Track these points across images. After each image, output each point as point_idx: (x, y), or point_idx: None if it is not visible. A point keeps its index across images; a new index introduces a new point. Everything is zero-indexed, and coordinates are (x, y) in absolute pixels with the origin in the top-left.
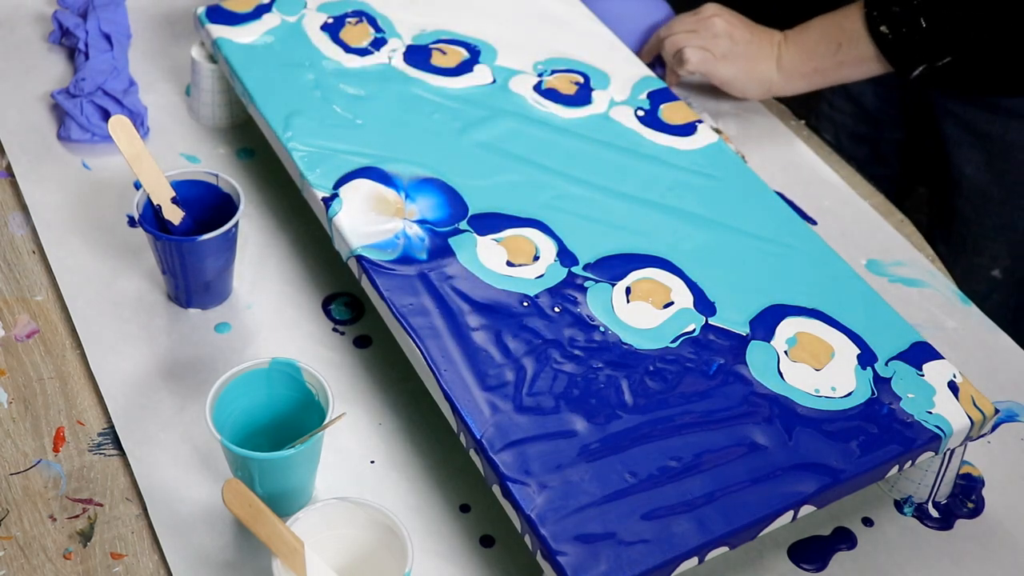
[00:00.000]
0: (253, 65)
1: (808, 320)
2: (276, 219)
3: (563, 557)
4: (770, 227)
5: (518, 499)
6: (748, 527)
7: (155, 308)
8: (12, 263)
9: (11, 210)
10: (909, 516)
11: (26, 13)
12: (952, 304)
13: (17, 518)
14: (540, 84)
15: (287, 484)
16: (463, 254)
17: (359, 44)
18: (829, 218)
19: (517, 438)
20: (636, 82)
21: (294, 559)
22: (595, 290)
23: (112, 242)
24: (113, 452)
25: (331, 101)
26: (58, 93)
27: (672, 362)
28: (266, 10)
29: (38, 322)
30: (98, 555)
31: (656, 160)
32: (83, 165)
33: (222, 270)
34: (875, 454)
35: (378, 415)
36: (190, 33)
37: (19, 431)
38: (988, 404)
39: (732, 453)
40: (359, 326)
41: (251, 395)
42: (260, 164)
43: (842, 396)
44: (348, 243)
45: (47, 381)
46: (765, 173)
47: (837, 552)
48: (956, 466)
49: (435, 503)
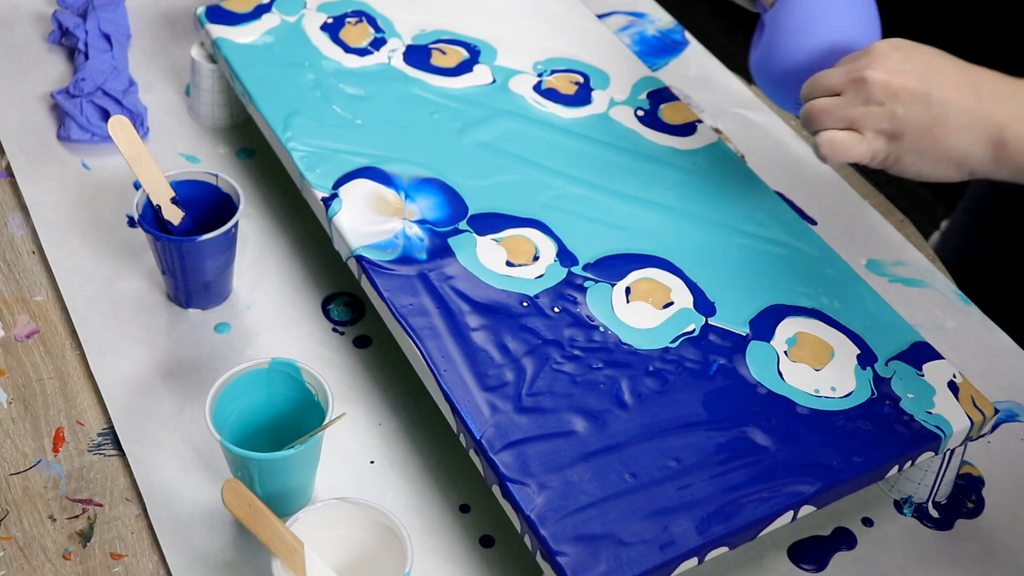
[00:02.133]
0: (253, 65)
1: (808, 320)
2: (276, 219)
3: (563, 557)
4: (770, 227)
5: (518, 499)
6: (748, 527)
7: (155, 308)
8: (12, 263)
9: (11, 210)
10: (909, 516)
11: (26, 13)
12: (952, 304)
13: (17, 518)
14: (540, 84)
15: (287, 484)
16: (463, 254)
17: (359, 44)
18: (829, 218)
19: (517, 438)
20: (636, 82)
21: (294, 559)
22: (595, 290)
23: (112, 242)
24: (113, 452)
25: (331, 101)
26: (58, 93)
27: (672, 362)
28: (266, 10)
29: (38, 322)
30: (98, 555)
31: (656, 160)
32: (83, 165)
33: (222, 270)
34: (875, 454)
35: (378, 415)
36: (190, 33)
37: (19, 431)
38: (988, 404)
39: (732, 453)
40: (359, 326)
41: (251, 395)
42: (260, 164)
43: (842, 396)
44: (348, 243)
45: (47, 381)
46: (765, 173)
47: (837, 552)
48: (956, 466)
49: (435, 503)
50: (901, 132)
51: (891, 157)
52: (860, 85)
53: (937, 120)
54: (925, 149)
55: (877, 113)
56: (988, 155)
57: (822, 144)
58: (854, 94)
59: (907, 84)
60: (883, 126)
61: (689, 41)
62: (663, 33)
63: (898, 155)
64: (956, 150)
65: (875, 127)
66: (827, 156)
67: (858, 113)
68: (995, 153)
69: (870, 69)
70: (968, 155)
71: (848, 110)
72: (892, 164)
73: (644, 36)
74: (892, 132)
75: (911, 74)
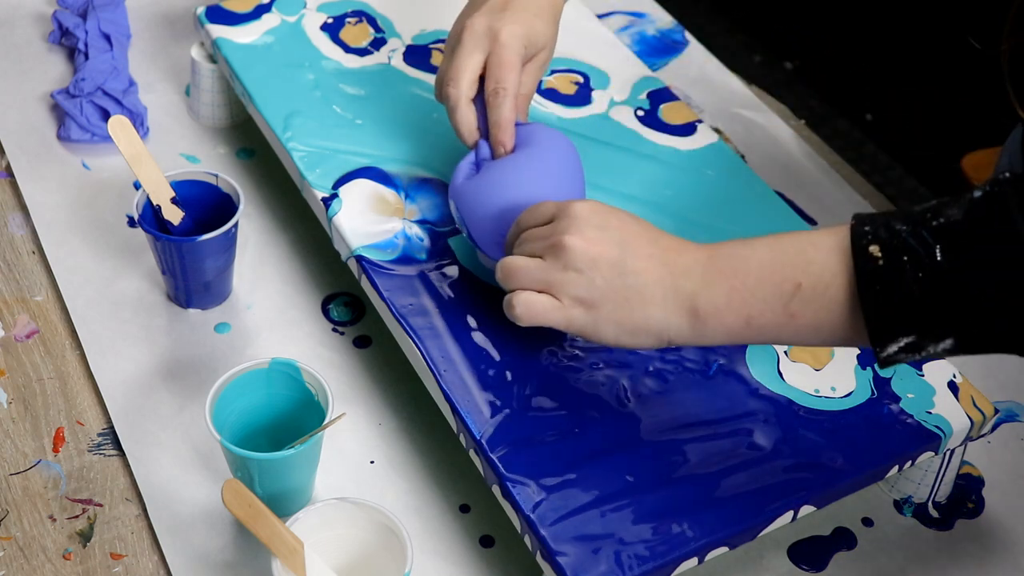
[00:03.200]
0: (253, 65)
1: None
2: (276, 219)
3: (563, 557)
4: (770, 227)
5: (518, 499)
6: (748, 527)
7: (155, 308)
8: (12, 263)
9: (11, 210)
10: (909, 516)
11: (26, 13)
12: None
13: (17, 518)
14: (540, 84)
15: (287, 484)
16: (463, 254)
17: (359, 44)
18: (829, 218)
19: (517, 438)
20: (636, 82)
21: (294, 559)
22: None
23: (112, 242)
24: (113, 452)
25: (331, 101)
26: (58, 93)
27: (672, 362)
28: (266, 10)
29: (38, 322)
30: (98, 555)
31: (656, 160)
32: (83, 165)
33: (222, 270)
34: (875, 454)
35: (378, 415)
36: (190, 33)
37: (19, 431)
38: (988, 404)
39: (732, 453)
40: (359, 326)
41: (251, 395)
42: (260, 164)
43: (842, 396)
44: (348, 243)
45: (47, 381)
46: (765, 173)
47: (837, 552)
48: (956, 466)
49: (435, 503)
50: (599, 302)
51: (589, 326)
52: (559, 250)
53: (633, 291)
54: (624, 319)
55: (575, 280)
56: (685, 324)
57: (518, 304)
58: (553, 259)
59: (605, 253)
60: (581, 294)
61: (689, 41)
62: (663, 33)
63: (596, 323)
64: (653, 321)
65: (573, 294)
66: (520, 317)
67: (556, 278)
68: (691, 322)
69: (569, 235)
70: (665, 326)
71: (547, 273)
72: (591, 333)
73: (644, 36)
74: (590, 301)
75: (609, 242)
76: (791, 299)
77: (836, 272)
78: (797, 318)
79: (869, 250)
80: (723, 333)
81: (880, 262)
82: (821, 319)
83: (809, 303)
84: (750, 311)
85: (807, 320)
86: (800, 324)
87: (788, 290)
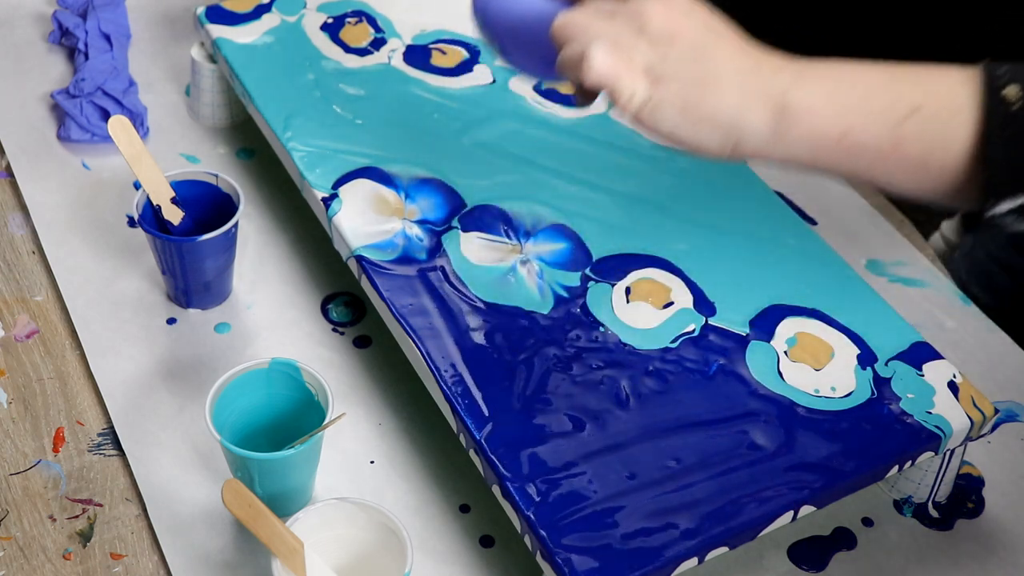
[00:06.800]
0: (253, 65)
1: (808, 320)
2: (276, 219)
3: (563, 557)
4: (770, 227)
5: (518, 499)
6: (748, 527)
7: (155, 308)
8: (12, 263)
9: (11, 210)
10: (909, 516)
11: (26, 13)
12: (952, 304)
13: (17, 518)
14: (540, 84)
15: (287, 484)
16: (463, 254)
17: (359, 44)
18: (829, 218)
19: (517, 438)
20: None
21: (294, 559)
22: (595, 290)
23: (112, 242)
24: (113, 452)
25: (331, 101)
26: (58, 93)
27: (672, 362)
28: (266, 10)
29: (38, 322)
30: (98, 555)
31: (656, 160)
32: (83, 165)
33: (222, 270)
34: (875, 454)
35: (378, 415)
36: (190, 33)
37: (19, 431)
38: (988, 404)
39: (732, 453)
40: (359, 326)
41: (251, 395)
42: (260, 164)
43: (842, 396)
44: (348, 243)
45: (47, 381)
46: (765, 173)
47: (837, 552)
48: (956, 466)
49: (435, 503)
50: (668, 77)
51: (649, 105)
52: (636, 16)
53: (710, 75)
54: (690, 104)
55: (646, 50)
56: (766, 122)
57: (597, 54)
58: (627, 20)
59: (686, 31)
60: (650, 62)
61: None
62: None
63: (657, 103)
64: (726, 110)
65: (643, 62)
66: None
67: (626, 41)
68: (774, 120)
69: (651, 2)
70: (739, 120)
71: (617, 33)
72: (647, 116)
73: None
74: (659, 75)
75: (693, 23)
76: (904, 120)
77: (963, 106)
78: (903, 146)
79: (1004, 91)
80: (807, 144)
81: (1015, 107)
82: (933, 152)
83: (925, 130)
84: (851, 122)
85: (915, 151)
86: (903, 155)
87: (902, 110)
